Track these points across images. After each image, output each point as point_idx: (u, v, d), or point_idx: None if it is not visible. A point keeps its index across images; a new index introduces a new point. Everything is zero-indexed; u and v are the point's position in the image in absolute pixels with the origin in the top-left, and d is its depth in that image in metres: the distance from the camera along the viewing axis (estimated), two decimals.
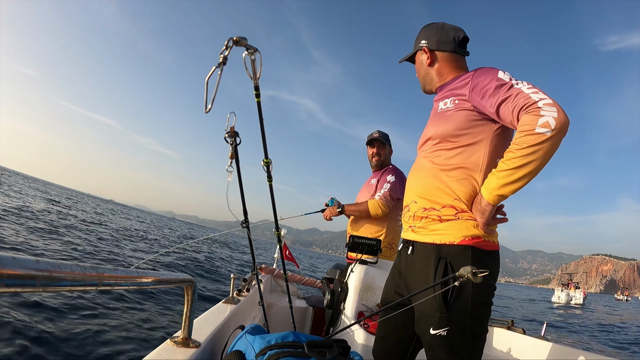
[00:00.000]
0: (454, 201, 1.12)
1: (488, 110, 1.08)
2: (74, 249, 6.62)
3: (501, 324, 2.04)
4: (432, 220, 1.15)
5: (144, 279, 0.70)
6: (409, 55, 1.39)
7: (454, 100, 1.17)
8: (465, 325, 1.05)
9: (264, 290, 2.42)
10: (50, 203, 17.20)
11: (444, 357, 1.07)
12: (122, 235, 11.48)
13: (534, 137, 0.94)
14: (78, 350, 2.68)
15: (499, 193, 1.01)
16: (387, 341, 1.33)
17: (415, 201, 1.21)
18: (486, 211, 1.05)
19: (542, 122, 0.93)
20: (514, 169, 0.97)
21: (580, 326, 13.41)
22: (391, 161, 2.63)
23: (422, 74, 1.35)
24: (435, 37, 1.29)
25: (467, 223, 1.09)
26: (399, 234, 2.39)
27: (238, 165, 1.10)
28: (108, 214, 24.06)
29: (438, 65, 1.29)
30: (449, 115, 1.16)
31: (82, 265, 0.47)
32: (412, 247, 1.21)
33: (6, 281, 0.34)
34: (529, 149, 0.94)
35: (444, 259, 1.08)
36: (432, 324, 1.07)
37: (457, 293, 1.04)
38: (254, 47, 0.83)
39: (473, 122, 1.12)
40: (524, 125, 0.96)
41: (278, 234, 1.67)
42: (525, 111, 0.97)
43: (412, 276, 1.19)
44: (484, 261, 1.07)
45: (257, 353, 0.95)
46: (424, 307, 1.08)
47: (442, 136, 1.16)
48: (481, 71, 1.13)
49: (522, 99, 0.98)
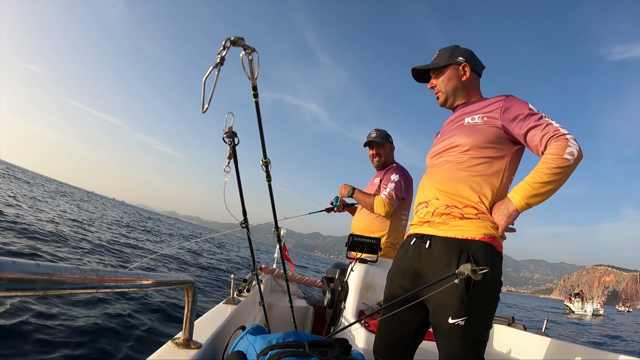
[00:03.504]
0: (477, 203, 1.22)
1: (516, 132, 1.22)
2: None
3: (502, 321, 2.04)
4: (453, 217, 1.23)
5: (144, 281, 0.70)
6: (439, 65, 1.42)
7: (483, 117, 1.29)
8: (481, 316, 1.13)
9: (264, 291, 2.42)
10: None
11: (460, 346, 1.12)
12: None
13: (562, 161, 1.10)
14: (78, 351, 2.68)
15: (528, 202, 1.13)
16: (390, 337, 1.34)
17: (438, 198, 1.28)
18: (512, 216, 1.16)
19: (569, 151, 1.11)
20: (544, 182, 1.11)
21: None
22: (394, 158, 2.55)
23: (450, 87, 1.42)
24: (473, 59, 1.42)
25: (486, 223, 1.19)
26: (402, 233, 2.35)
27: (237, 165, 1.10)
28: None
29: (470, 84, 1.42)
30: (480, 129, 1.28)
31: (82, 268, 0.47)
32: (429, 242, 1.25)
33: (6, 285, 0.34)
34: (556, 170, 1.10)
35: (465, 252, 1.16)
36: (451, 313, 1.12)
37: (476, 284, 1.10)
38: (252, 47, 0.83)
39: (499, 139, 1.26)
40: (553, 150, 1.12)
41: (277, 234, 1.67)
42: (555, 139, 1.14)
43: (429, 269, 1.23)
44: (496, 259, 1.17)
45: (258, 353, 0.95)
46: (442, 297, 1.13)
47: (472, 145, 1.27)
48: (513, 98, 1.28)
49: (552, 129, 1.16)
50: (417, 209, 1.37)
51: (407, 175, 2.38)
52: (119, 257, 6.96)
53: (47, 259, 5.03)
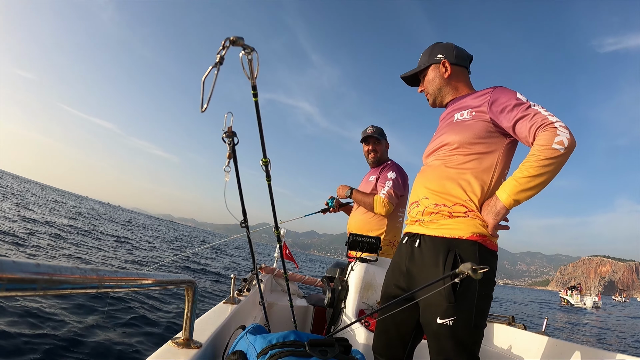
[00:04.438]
0: (466, 201, 1.20)
1: (505, 124, 1.18)
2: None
3: (502, 320, 2.05)
4: (442, 215, 1.22)
5: (144, 281, 0.70)
6: (420, 68, 1.42)
7: (471, 112, 1.26)
8: (470, 316, 1.10)
9: (264, 290, 2.42)
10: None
11: (448, 346, 1.11)
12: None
13: (550, 152, 1.05)
14: (78, 352, 2.68)
15: (516, 198, 1.09)
16: (387, 335, 1.35)
17: (427, 197, 1.27)
18: (500, 214, 1.13)
19: (558, 140, 1.05)
20: (532, 177, 1.06)
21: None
22: (388, 156, 2.55)
23: (435, 87, 1.40)
24: (454, 52, 1.38)
25: (475, 221, 1.17)
26: (400, 231, 2.36)
27: (236, 165, 1.10)
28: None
29: (455, 79, 1.38)
30: (468, 125, 1.25)
31: (82, 268, 0.47)
32: (419, 241, 1.25)
33: (7, 285, 0.34)
34: (545, 162, 1.05)
35: (452, 252, 1.14)
36: (439, 313, 1.11)
37: (465, 284, 1.09)
38: (251, 47, 0.83)
39: (489, 133, 1.22)
40: (541, 140, 1.07)
41: (277, 233, 1.67)
42: (543, 129, 1.08)
43: (419, 268, 1.22)
44: (487, 258, 1.15)
45: (258, 353, 0.95)
46: (431, 297, 1.12)
47: (460, 143, 1.25)
48: (500, 89, 1.23)
49: (540, 118, 1.10)
50: (409, 208, 1.37)
51: (403, 173, 2.38)
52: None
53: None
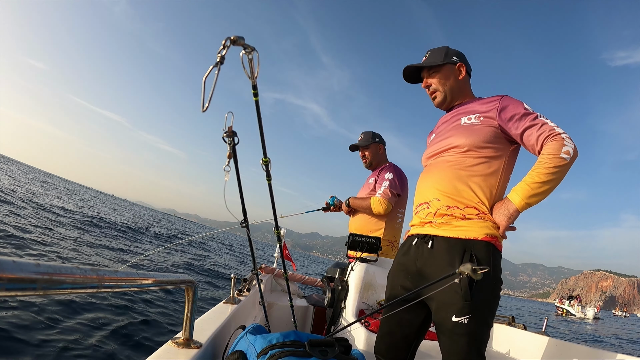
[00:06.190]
0: (477, 204, 1.23)
1: (513, 132, 1.24)
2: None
3: (502, 320, 2.05)
4: (455, 217, 1.25)
5: (144, 281, 0.70)
6: (436, 63, 1.42)
7: (479, 117, 1.30)
8: (484, 314, 1.14)
9: (264, 290, 2.42)
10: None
11: (463, 344, 1.13)
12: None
13: (558, 160, 1.12)
14: (78, 351, 2.68)
15: (528, 202, 1.15)
16: (391, 337, 1.35)
17: (439, 199, 1.29)
18: (512, 216, 1.17)
19: (565, 150, 1.13)
20: (542, 182, 1.13)
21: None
22: (387, 158, 2.60)
23: (448, 87, 1.43)
24: (466, 60, 1.45)
25: (487, 223, 1.21)
26: (399, 231, 2.39)
27: (237, 165, 1.10)
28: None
29: (464, 85, 1.44)
30: (477, 129, 1.29)
31: (82, 268, 0.47)
32: (432, 242, 1.26)
33: (7, 285, 0.34)
34: (554, 169, 1.12)
35: (469, 252, 1.17)
36: (455, 312, 1.13)
37: (479, 284, 1.11)
38: (252, 47, 0.83)
39: (496, 139, 1.27)
40: (550, 149, 1.14)
41: (278, 233, 1.67)
42: (551, 139, 1.16)
43: (433, 269, 1.23)
44: (497, 258, 1.20)
45: (258, 353, 0.95)
46: (446, 295, 1.14)
47: (470, 146, 1.28)
48: (508, 97, 1.30)
49: (547, 128, 1.18)
50: (417, 209, 1.37)
51: (401, 173, 2.42)
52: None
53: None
